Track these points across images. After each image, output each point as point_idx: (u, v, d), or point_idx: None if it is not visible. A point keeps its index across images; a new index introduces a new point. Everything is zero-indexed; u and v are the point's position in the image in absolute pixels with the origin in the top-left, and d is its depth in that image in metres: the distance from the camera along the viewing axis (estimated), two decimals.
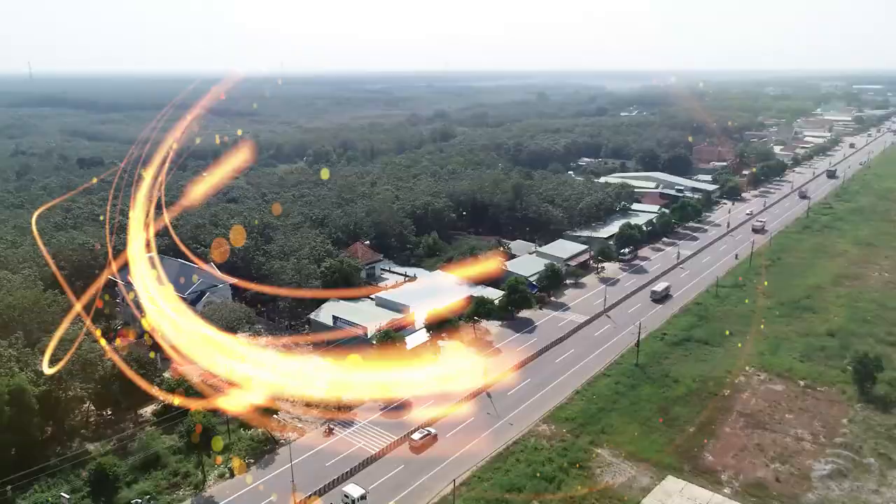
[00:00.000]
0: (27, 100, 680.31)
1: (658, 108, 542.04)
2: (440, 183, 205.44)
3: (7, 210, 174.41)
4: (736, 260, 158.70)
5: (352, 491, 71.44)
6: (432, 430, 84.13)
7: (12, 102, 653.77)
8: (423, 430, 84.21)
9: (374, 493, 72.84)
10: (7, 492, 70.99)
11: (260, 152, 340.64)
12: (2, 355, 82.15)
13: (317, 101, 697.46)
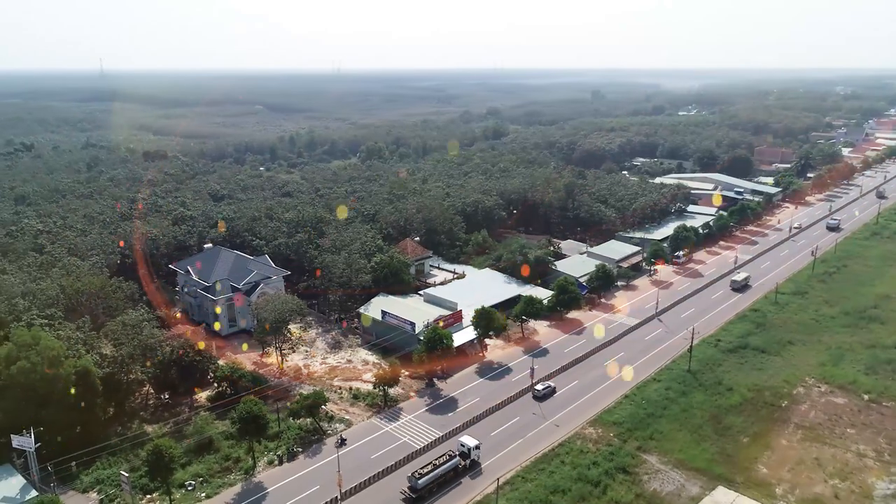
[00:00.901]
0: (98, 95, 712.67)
1: (718, 107, 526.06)
2: (491, 181, 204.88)
3: (78, 200, 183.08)
4: (813, 257, 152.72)
5: (467, 441, 78.37)
6: (552, 384, 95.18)
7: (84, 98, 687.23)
8: (545, 383, 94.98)
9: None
10: (72, 467, 74.76)
11: (314, 148, 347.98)
12: (70, 338, 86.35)
13: (370, 98, 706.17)
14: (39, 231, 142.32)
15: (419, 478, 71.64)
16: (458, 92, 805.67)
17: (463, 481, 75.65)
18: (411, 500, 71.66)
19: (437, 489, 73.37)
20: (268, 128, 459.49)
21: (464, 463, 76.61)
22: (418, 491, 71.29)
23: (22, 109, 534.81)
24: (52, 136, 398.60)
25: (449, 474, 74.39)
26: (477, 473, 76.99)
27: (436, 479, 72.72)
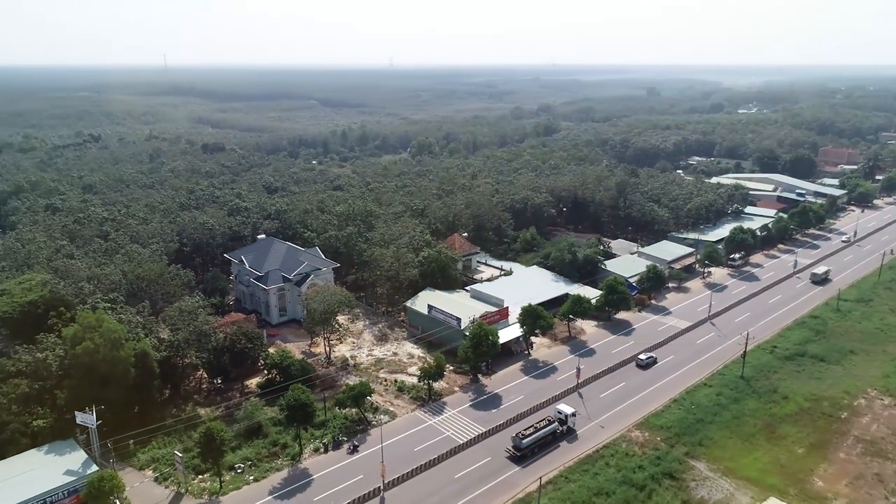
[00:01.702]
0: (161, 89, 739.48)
1: (781, 105, 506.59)
2: (541, 178, 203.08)
3: (140, 189, 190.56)
4: (893, 255, 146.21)
5: (564, 408, 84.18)
6: (654, 356, 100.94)
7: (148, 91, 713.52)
8: (648, 354, 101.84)
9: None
10: (129, 445, 78.09)
11: (366, 142, 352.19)
12: (130, 321, 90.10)
13: (422, 94, 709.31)
14: (105, 219, 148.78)
15: (523, 438, 78.85)
16: (510, 88, 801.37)
17: (561, 445, 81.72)
18: (515, 457, 78.62)
19: (538, 450, 79.77)
20: (321, 122, 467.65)
21: (561, 428, 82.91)
22: (522, 450, 78.49)
23: (90, 102, 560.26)
24: (118, 128, 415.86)
25: (548, 438, 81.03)
26: (573, 438, 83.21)
27: (537, 440, 79.80)
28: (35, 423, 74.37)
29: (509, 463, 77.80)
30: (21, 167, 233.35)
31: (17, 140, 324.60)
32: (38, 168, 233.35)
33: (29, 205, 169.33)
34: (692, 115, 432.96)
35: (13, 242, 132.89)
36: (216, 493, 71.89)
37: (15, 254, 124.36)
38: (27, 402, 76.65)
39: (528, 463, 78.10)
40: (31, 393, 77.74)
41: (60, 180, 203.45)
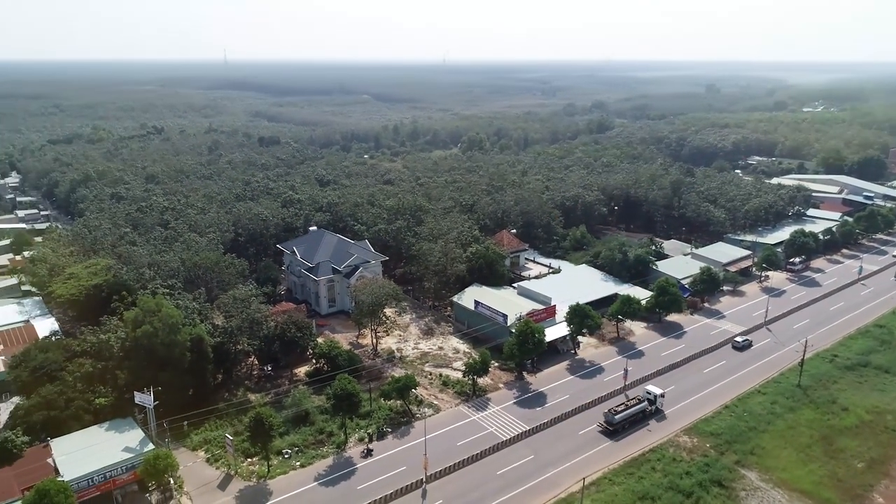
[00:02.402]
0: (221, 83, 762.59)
1: (849, 104, 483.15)
2: (593, 175, 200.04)
3: (199, 180, 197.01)
4: None
5: (653, 389, 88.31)
6: (750, 339, 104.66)
7: (209, 86, 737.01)
8: (744, 336, 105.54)
9: None
10: (184, 426, 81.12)
11: (417, 137, 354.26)
12: (188, 307, 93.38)
13: (474, 90, 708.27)
14: (165, 208, 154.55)
15: (615, 414, 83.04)
16: (563, 84, 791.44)
17: (650, 423, 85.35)
18: (608, 431, 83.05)
19: (629, 426, 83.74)
20: (373, 117, 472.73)
21: (650, 408, 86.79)
22: (614, 425, 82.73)
23: (155, 96, 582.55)
24: (180, 120, 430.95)
25: (638, 415, 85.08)
26: (662, 418, 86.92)
27: (628, 417, 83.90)
28: (98, 400, 78.12)
29: (550, 462, 77.20)
30: (90, 157, 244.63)
31: (87, 131, 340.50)
32: (105, 158, 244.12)
33: (96, 193, 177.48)
34: (753, 114, 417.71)
35: (81, 228, 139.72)
36: (264, 477, 73.94)
37: (83, 239, 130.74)
38: (91, 381, 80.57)
39: (621, 437, 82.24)
40: (95, 372, 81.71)
41: (125, 170, 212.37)
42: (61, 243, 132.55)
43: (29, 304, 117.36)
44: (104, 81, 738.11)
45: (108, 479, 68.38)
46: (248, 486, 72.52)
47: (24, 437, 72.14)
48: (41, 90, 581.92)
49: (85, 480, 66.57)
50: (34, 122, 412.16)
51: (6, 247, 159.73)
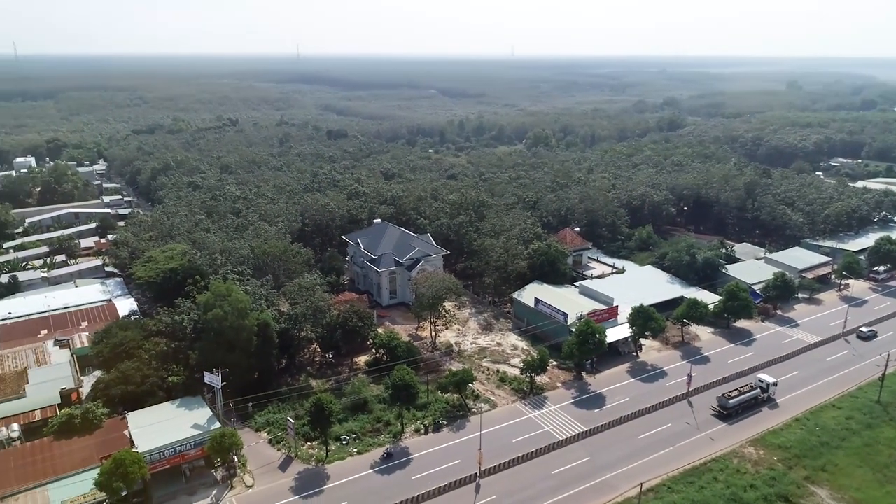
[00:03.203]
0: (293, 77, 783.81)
1: None
2: (661, 174, 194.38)
3: (269, 171, 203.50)
4: None
5: (766, 378, 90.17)
6: (875, 330, 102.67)
7: (281, 79, 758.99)
8: (870, 327, 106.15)
9: None
10: (248, 407, 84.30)
11: (482, 133, 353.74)
12: (255, 293, 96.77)
13: (542, 85, 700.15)
14: (237, 197, 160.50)
15: (729, 399, 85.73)
16: (633, 80, 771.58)
17: (762, 410, 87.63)
18: (721, 415, 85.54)
19: (742, 412, 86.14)
20: (439, 112, 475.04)
21: (763, 395, 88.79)
22: (728, 409, 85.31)
23: (231, 89, 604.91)
24: (253, 113, 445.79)
25: (751, 402, 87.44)
26: (774, 406, 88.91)
27: (741, 403, 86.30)
28: (170, 378, 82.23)
29: (607, 465, 75.86)
30: (170, 147, 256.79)
31: (168, 122, 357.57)
32: (183, 148, 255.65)
33: (174, 181, 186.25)
34: (838, 112, 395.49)
35: (160, 215, 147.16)
36: (322, 461, 75.96)
37: (161, 225, 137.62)
38: (165, 360, 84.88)
39: (734, 421, 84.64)
40: (168, 351, 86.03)
41: (202, 160, 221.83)
42: (142, 228, 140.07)
43: (111, 285, 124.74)
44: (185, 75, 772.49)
45: (178, 453, 71.88)
46: (306, 469, 74.70)
47: (103, 409, 76.76)
48: (128, 83, 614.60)
49: (157, 453, 70.20)
50: (121, 113, 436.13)
51: (92, 230, 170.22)
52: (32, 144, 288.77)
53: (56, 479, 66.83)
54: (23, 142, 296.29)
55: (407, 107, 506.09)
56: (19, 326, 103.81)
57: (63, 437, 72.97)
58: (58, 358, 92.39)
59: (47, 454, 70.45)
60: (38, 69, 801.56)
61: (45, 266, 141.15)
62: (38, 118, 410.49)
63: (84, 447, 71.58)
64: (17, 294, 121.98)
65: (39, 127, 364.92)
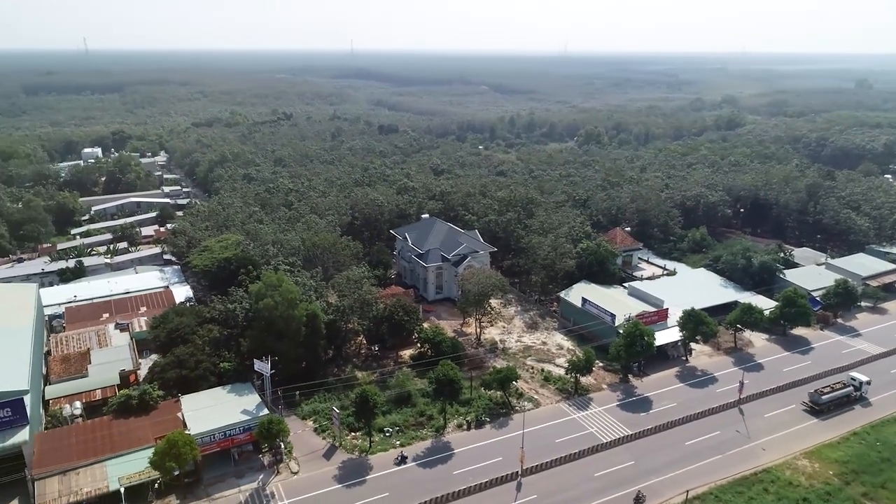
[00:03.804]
0: (345, 72, 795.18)
1: None
2: (718, 175, 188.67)
3: (321, 165, 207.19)
4: None
5: (859, 376, 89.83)
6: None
7: (334, 74, 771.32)
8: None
9: None
10: (295, 396, 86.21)
11: (532, 129, 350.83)
12: (305, 284, 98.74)
13: (595, 82, 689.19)
14: (290, 189, 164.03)
15: (821, 395, 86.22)
16: (691, 77, 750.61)
17: (855, 408, 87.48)
18: (813, 410, 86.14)
19: (834, 408, 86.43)
20: (490, 108, 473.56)
21: (855, 394, 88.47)
22: (820, 405, 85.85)
23: (286, 84, 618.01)
24: (307, 107, 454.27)
25: (843, 399, 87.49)
26: (867, 404, 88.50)
27: (833, 399, 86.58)
28: (222, 364, 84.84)
29: (652, 470, 74.34)
30: (226, 140, 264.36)
31: (226, 115, 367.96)
32: (239, 141, 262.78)
33: (230, 173, 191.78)
34: None
35: (216, 205, 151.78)
36: (365, 452, 77.05)
37: (217, 215, 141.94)
38: (217, 346, 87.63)
39: (826, 417, 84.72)
40: (221, 338, 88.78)
41: (257, 153, 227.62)
42: (199, 218, 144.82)
43: (169, 272, 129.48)
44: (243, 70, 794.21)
45: (228, 437, 74.13)
46: (350, 459, 75.93)
47: (159, 392, 79.82)
48: (189, 77, 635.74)
49: (208, 436, 72.56)
50: (182, 107, 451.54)
51: (153, 219, 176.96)
52: (99, 136, 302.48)
53: (114, 455, 69.94)
54: (90, 133, 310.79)
55: (458, 103, 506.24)
56: (84, 309, 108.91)
57: (121, 417, 76.28)
58: (118, 341, 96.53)
59: (106, 432, 73.79)
60: (107, 64, 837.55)
61: (109, 252, 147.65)
62: (104, 111, 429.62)
63: (140, 427, 74.65)
64: (82, 278, 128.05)
65: (106, 119, 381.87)
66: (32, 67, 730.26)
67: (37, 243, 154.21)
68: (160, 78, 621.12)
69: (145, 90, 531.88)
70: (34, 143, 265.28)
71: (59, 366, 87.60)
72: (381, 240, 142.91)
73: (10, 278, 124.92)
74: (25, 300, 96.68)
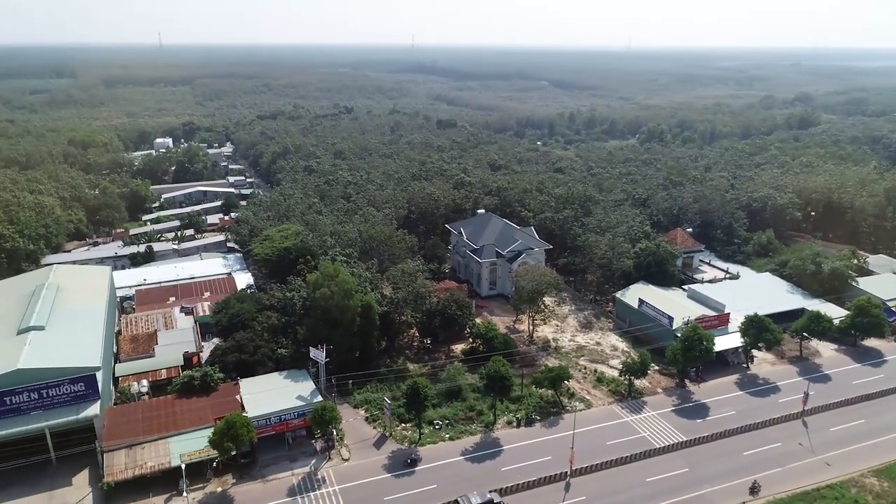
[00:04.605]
0: (406, 67, 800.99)
1: None
2: (788, 176, 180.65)
3: (380, 158, 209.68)
4: None
5: None
6: None
7: (396, 69, 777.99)
8: None
9: None
10: (348, 384, 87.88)
11: (593, 126, 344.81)
12: (361, 276, 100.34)
13: (660, 78, 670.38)
14: (349, 182, 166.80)
15: None
16: (762, 74, 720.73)
17: None
18: None
19: None
20: (550, 104, 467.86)
21: None
22: None
23: (348, 78, 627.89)
24: (367, 101, 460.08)
25: None
26: None
27: None
28: (279, 350, 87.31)
29: (707, 478, 72.13)
30: (289, 132, 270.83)
31: (289, 108, 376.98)
32: (301, 133, 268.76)
33: (292, 165, 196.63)
34: None
35: (278, 196, 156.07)
36: (415, 443, 77.85)
37: (278, 206, 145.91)
38: (275, 333, 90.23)
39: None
40: (279, 325, 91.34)
41: (318, 146, 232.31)
42: (261, 208, 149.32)
43: (231, 259, 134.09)
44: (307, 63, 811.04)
45: (283, 421, 76.30)
46: (399, 449, 76.89)
47: (219, 374, 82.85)
48: (255, 71, 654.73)
49: (264, 419, 74.91)
50: (247, 99, 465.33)
51: (218, 208, 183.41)
52: (170, 127, 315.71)
53: (176, 433, 73.15)
54: (162, 124, 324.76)
55: (517, 98, 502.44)
56: (153, 293, 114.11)
57: (183, 396, 79.62)
58: (183, 323, 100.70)
59: (170, 410, 77.20)
60: (179, 58, 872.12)
61: (176, 239, 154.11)
62: (176, 102, 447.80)
63: (201, 407, 77.70)
64: (151, 263, 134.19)
65: (177, 111, 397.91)
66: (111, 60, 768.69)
67: (111, 228, 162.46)
68: (228, 71, 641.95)
69: (214, 83, 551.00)
70: (111, 133, 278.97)
71: (128, 345, 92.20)
72: (436, 234, 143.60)
73: (86, 261, 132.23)
74: (100, 282, 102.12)
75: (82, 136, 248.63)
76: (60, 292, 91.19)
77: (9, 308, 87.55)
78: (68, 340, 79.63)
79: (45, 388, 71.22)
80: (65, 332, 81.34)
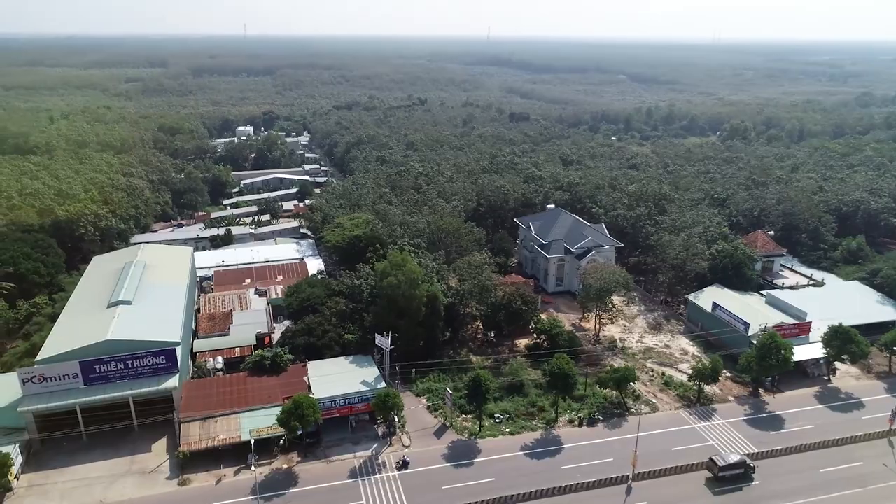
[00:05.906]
0: (481, 59, 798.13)
1: None
2: (884, 179, 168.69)
3: (451, 150, 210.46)
4: None
5: None
6: None
7: (470, 61, 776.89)
8: None
9: None
10: (412, 373, 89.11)
11: (671, 122, 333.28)
12: (428, 266, 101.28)
13: (745, 72, 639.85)
14: (419, 173, 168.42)
15: None
16: (859, 69, 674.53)
17: None
18: None
19: None
20: (627, 98, 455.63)
21: None
22: None
23: (422, 69, 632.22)
24: (441, 93, 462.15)
25: None
26: None
27: None
28: (346, 336, 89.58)
29: (778, 494, 68.85)
30: (363, 122, 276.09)
31: (364, 99, 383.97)
32: (375, 124, 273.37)
33: (365, 155, 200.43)
34: None
35: (350, 185, 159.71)
36: (475, 435, 78.13)
37: (350, 194, 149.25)
38: (343, 318, 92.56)
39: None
40: (346, 311, 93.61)
41: (391, 136, 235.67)
42: (334, 196, 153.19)
43: (304, 245, 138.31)
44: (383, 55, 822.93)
45: (347, 404, 78.25)
46: (459, 440, 77.38)
47: (289, 355, 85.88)
48: (333, 62, 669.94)
49: (330, 401, 77.05)
50: (324, 90, 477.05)
51: (293, 194, 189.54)
52: (251, 115, 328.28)
53: (247, 409, 76.40)
54: (244, 112, 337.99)
55: (592, 91, 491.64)
56: (230, 274, 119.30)
57: (255, 375, 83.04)
58: (256, 305, 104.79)
59: (242, 387, 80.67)
60: (262, 48, 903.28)
61: (254, 223, 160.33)
62: (257, 91, 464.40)
63: (270, 386, 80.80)
64: (229, 246, 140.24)
65: (258, 100, 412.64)
66: (200, 50, 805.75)
67: (194, 211, 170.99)
68: (307, 62, 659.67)
69: (294, 73, 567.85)
70: (197, 120, 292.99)
71: (206, 323, 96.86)
72: (504, 228, 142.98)
73: (170, 241, 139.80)
74: (182, 262, 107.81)
75: (171, 122, 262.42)
76: (147, 270, 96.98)
77: (101, 282, 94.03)
78: (152, 315, 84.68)
79: (130, 358, 76.09)
80: (150, 307, 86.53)
